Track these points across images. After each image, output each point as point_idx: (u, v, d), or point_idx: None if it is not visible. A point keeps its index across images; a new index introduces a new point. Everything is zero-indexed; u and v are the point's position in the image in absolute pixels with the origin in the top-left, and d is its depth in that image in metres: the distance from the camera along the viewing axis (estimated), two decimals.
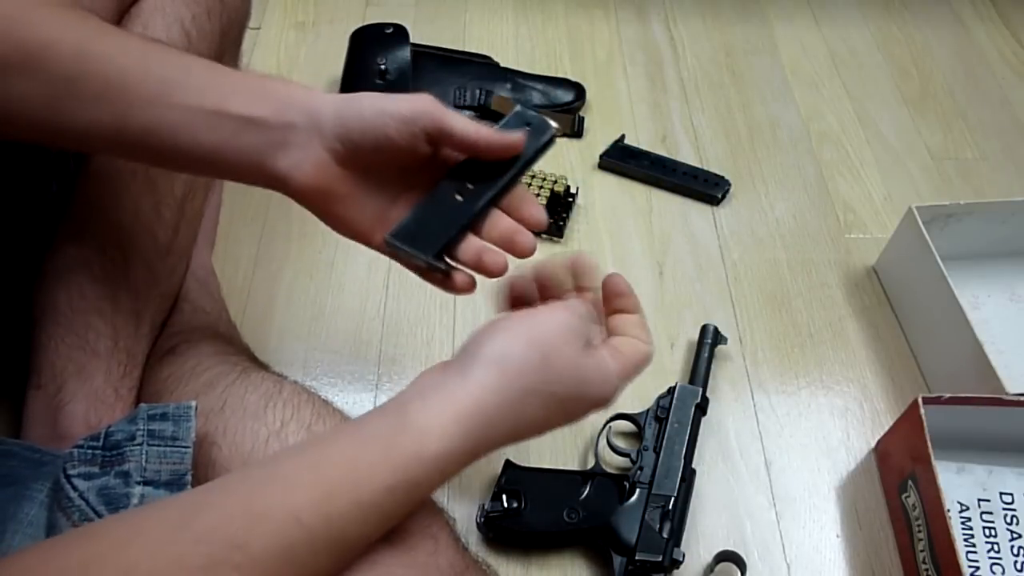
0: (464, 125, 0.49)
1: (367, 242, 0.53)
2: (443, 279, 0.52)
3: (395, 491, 0.41)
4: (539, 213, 0.52)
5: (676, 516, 0.68)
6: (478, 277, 0.52)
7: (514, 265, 0.52)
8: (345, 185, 0.50)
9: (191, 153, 0.49)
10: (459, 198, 0.51)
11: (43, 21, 0.48)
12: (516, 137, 0.51)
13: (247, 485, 0.40)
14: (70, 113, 0.48)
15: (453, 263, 0.52)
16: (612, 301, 0.53)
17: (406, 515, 0.44)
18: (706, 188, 0.96)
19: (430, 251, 0.50)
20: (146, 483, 0.50)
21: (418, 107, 0.48)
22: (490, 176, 0.51)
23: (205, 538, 0.37)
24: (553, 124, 0.53)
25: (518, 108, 0.54)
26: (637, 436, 0.74)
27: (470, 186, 0.51)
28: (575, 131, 1.02)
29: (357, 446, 0.42)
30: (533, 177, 0.90)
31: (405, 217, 0.51)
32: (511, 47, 1.13)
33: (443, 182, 0.51)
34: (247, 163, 0.49)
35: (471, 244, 0.51)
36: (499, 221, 0.52)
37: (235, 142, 0.49)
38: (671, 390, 0.75)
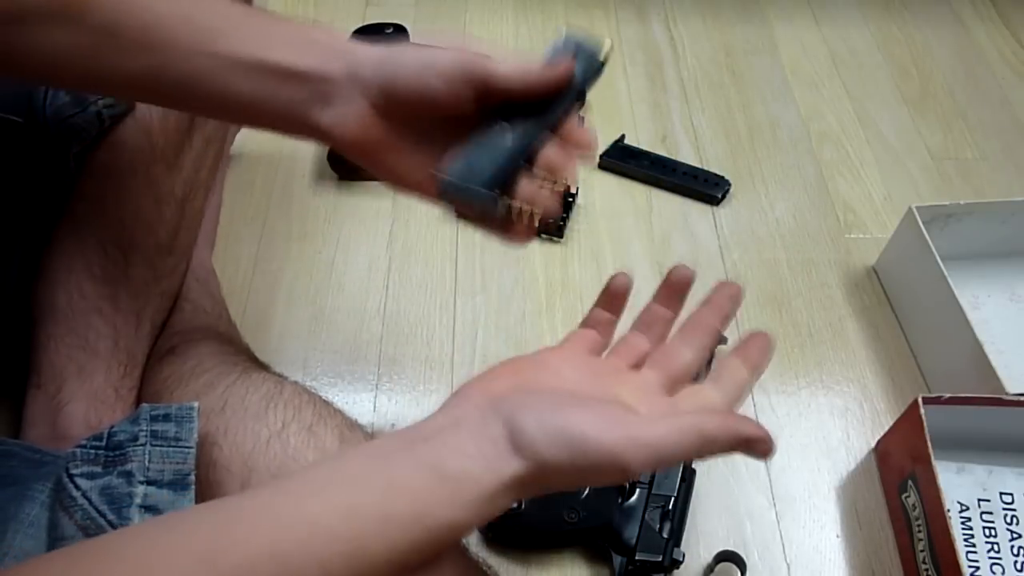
0: (509, 70, 0.47)
1: (422, 193, 0.51)
2: (501, 224, 0.50)
3: (424, 549, 0.40)
4: (587, 137, 0.51)
5: (676, 516, 0.68)
6: (480, 275, 0.52)
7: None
8: (391, 136, 0.49)
9: (231, 103, 0.49)
10: (510, 134, 0.48)
11: None
12: (565, 67, 0.49)
13: (272, 520, 0.38)
14: (110, 62, 0.48)
15: (511, 201, 0.49)
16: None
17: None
18: (706, 188, 0.96)
19: (486, 185, 0.47)
20: (149, 483, 0.50)
21: (459, 59, 0.47)
22: (541, 107, 0.49)
23: None
24: (605, 43, 0.51)
25: (565, 33, 0.51)
26: None
27: (521, 120, 0.48)
28: None
29: (391, 500, 0.39)
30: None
31: (456, 158, 0.48)
32: (511, 47, 1.13)
33: (493, 119, 0.49)
34: (288, 115, 0.49)
35: (524, 184, 0.49)
36: (547, 151, 0.50)
37: (275, 94, 0.48)
38: None
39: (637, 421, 0.41)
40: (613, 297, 0.52)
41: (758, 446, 0.41)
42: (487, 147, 0.48)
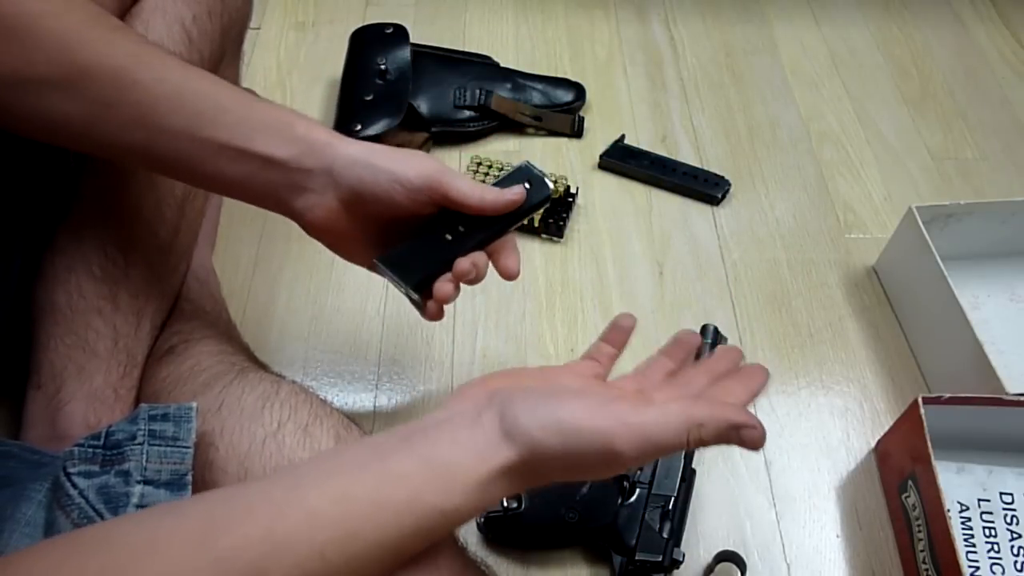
0: (467, 192, 0.54)
1: (366, 268, 0.60)
2: (419, 305, 0.59)
3: (417, 536, 0.41)
4: (514, 265, 0.57)
5: (676, 516, 0.68)
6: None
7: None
8: (352, 228, 0.56)
9: (216, 181, 0.55)
10: (448, 238, 0.56)
11: (91, 43, 0.51)
12: (516, 195, 0.56)
13: (270, 508, 0.39)
14: (105, 133, 0.52)
15: (427, 295, 0.57)
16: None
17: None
18: (706, 188, 0.96)
19: (410, 282, 0.56)
20: (146, 482, 0.50)
21: (424, 174, 0.54)
22: (481, 223, 0.56)
23: (225, 560, 0.37)
24: (551, 184, 0.58)
25: (523, 164, 0.58)
26: None
27: (461, 229, 0.56)
28: (575, 131, 1.02)
29: (385, 486, 0.41)
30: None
31: (398, 246, 0.57)
32: (511, 47, 1.13)
33: (438, 221, 0.56)
34: (266, 196, 0.55)
35: (444, 280, 0.56)
36: (463, 263, 0.56)
37: (256, 178, 0.54)
38: None
39: (627, 407, 0.42)
40: (617, 332, 0.55)
41: (747, 433, 0.42)
42: (424, 247, 0.56)
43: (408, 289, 0.57)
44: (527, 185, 0.56)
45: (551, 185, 0.58)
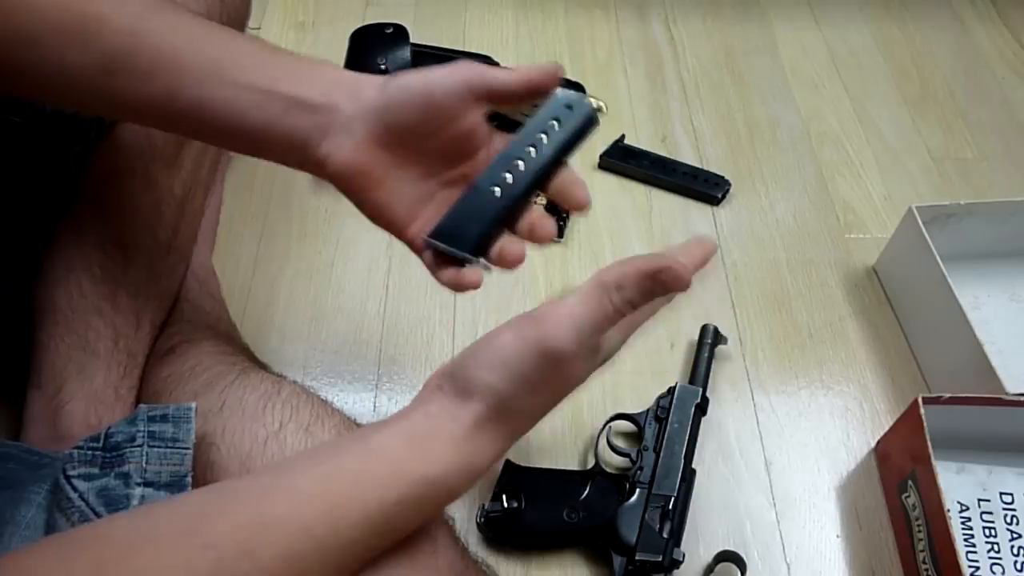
0: (508, 74, 0.50)
1: (399, 232, 0.52)
2: (488, 268, 0.51)
3: (404, 505, 0.42)
4: (584, 195, 0.52)
5: (676, 516, 0.68)
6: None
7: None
8: (382, 167, 0.49)
9: (238, 130, 0.49)
10: (495, 192, 0.50)
11: None
12: (555, 65, 0.50)
13: (257, 493, 0.40)
14: (122, 86, 0.49)
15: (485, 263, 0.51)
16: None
17: (417, 527, 0.45)
18: (706, 188, 0.96)
19: (468, 248, 0.49)
20: (146, 484, 0.50)
21: (461, 68, 0.49)
22: (526, 166, 0.50)
23: (215, 544, 0.37)
24: (593, 102, 0.51)
25: (558, 89, 0.51)
26: (637, 436, 0.74)
27: (507, 177, 0.50)
28: None
29: (367, 460, 0.43)
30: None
31: (444, 215, 0.50)
32: (511, 47, 1.13)
33: (480, 176, 0.50)
34: (291, 144, 0.49)
35: (512, 241, 0.50)
36: (529, 214, 0.51)
37: (281, 122, 0.49)
38: (671, 390, 0.75)
39: (546, 307, 0.46)
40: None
41: (666, 275, 0.45)
42: (473, 207, 0.50)
43: (467, 257, 0.50)
44: (567, 110, 0.51)
45: (593, 103, 0.51)
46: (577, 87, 1.04)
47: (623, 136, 1.00)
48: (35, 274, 0.66)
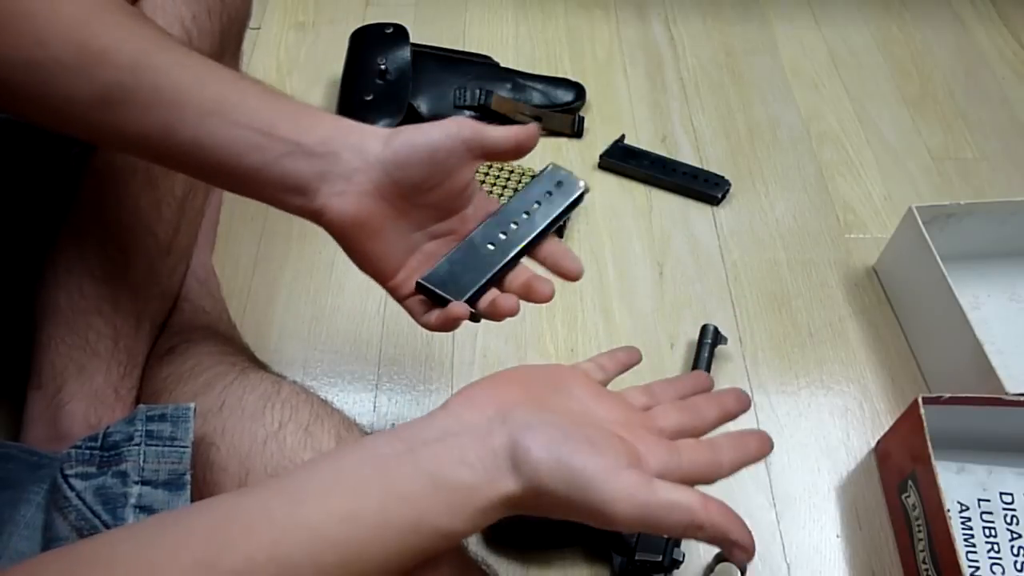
0: (501, 138, 0.51)
1: (385, 283, 0.54)
2: (476, 319, 0.54)
3: (417, 553, 0.40)
4: (576, 266, 0.55)
5: None
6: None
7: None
8: (380, 219, 0.51)
9: (235, 170, 0.50)
10: (490, 247, 0.54)
11: (105, 26, 0.49)
12: (532, 127, 0.53)
13: (272, 528, 0.38)
14: (120, 119, 0.49)
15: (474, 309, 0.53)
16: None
17: None
18: (706, 188, 0.96)
19: (460, 297, 0.52)
20: (144, 483, 0.50)
21: (457, 122, 0.51)
22: (519, 228, 0.55)
23: None
24: (582, 183, 0.57)
25: (550, 166, 0.58)
26: None
27: (502, 236, 0.54)
28: (575, 131, 1.02)
29: (390, 506, 0.39)
30: (534, 177, 0.90)
31: (438, 263, 0.53)
32: (511, 47, 1.13)
33: (476, 232, 0.54)
34: (286, 187, 0.50)
35: (506, 296, 0.53)
36: (520, 272, 0.54)
37: (278, 165, 0.49)
38: None
39: (639, 479, 0.40)
40: (624, 357, 0.55)
41: (738, 553, 0.42)
42: (467, 259, 0.53)
43: (459, 304, 0.53)
44: (559, 185, 0.57)
45: (582, 183, 0.57)
46: (578, 88, 1.05)
47: (623, 136, 1.00)
48: (36, 275, 0.66)
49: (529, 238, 0.54)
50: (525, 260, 0.55)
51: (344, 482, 0.40)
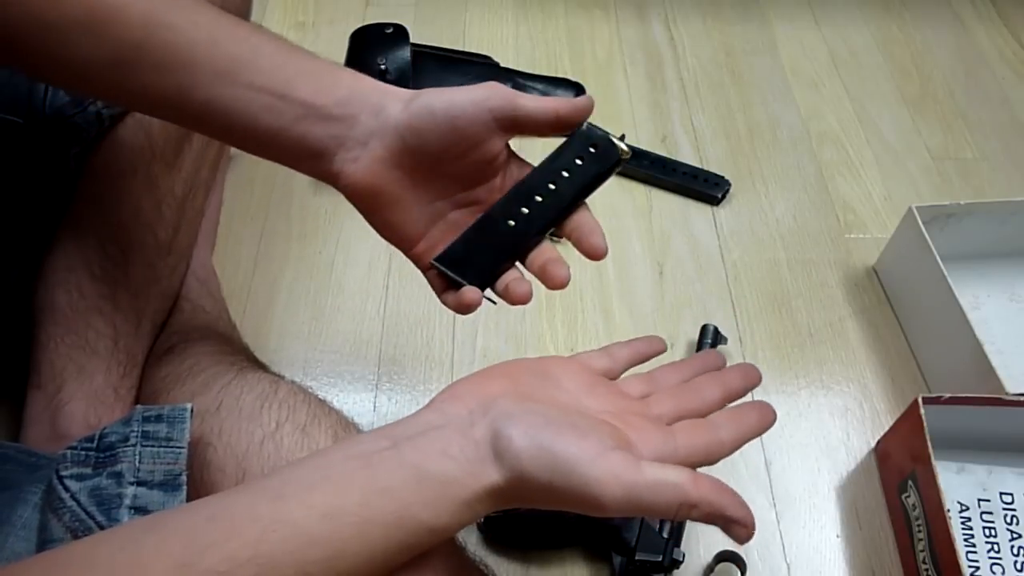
0: (534, 103, 0.47)
1: (407, 251, 0.51)
2: (494, 302, 0.51)
3: (403, 550, 0.39)
4: (600, 242, 0.50)
5: None
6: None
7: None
8: (397, 187, 0.48)
9: (251, 133, 0.48)
10: (511, 223, 0.49)
11: None
12: (586, 103, 0.49)
13: (255, 527, 0.37)
14: (134, 78, 0.48)
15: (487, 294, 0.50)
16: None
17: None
18: (706, 188, 0.96)
19: (475, 280, 0.48)
20: (139, 483, 0.49)
21: (488, 88, 0.47)
22: (544, 201, 0.49)
23: None
24: (623, 146, 0.50)
25: (585, 126, 0.50)
26: None
27: (524, 211, 0.49)
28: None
29: (373, 501, 0.39)
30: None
31: (454, 240, 0.49)
32: (511, 47, 1.13)
33: (496, 206, 0.49)
34: (303, 152, 0.48)
35: (520, 280, 0.49)
36: (542, 251, 0.50)
37: (294, 129, 0.47)
38: None
39: (625, 460, 0.39)
40: (644, 347, 0.52)
41: (736, 529, 0.40)
42: (484, 236, 0.49)
43: (471, 287, 0.49)
44: (592, 150, 0.49)
45: (621, 145, 0.50)
46: (578, 88, 1.04)
47: (623, 136, 1.00)
48: (35, 274, 0.66)
49: (551, 214, 0.49)
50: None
51: (327, 478, 0.39)
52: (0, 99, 0.62)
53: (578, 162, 0.49)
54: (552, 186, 0.49)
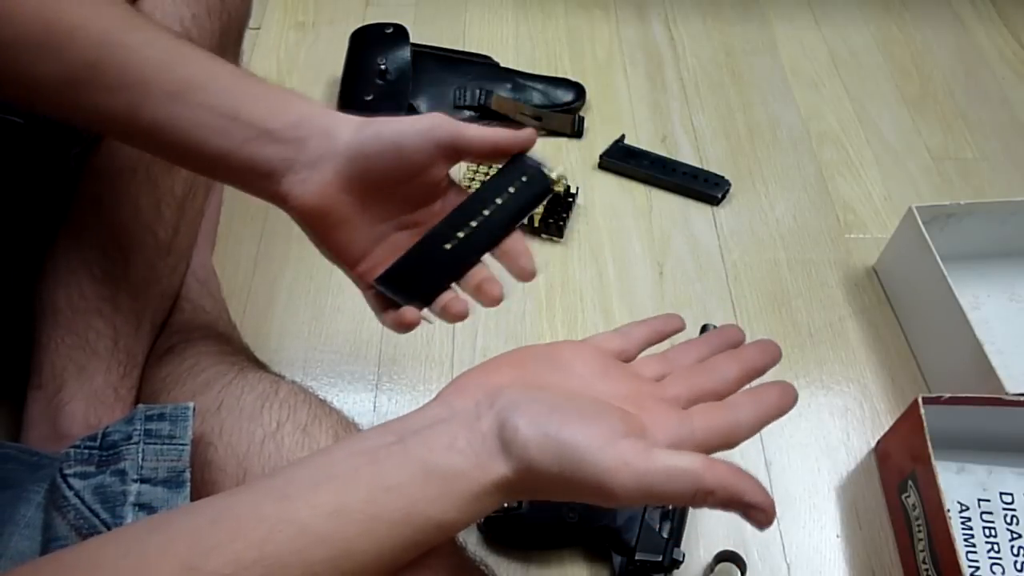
0: (476, 131, 0.50)
1: (350, 270, 0.53)
2: (394, 313, 0.53)
3: (409, 546, 0.39)
4: (529, 265, 0.52)
5: (676, 516, 0.68)
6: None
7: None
8: (344, 209, 0.50)
9: (199, 153, 0.49)
10: (448, 247, 0.51)
11: (72, 4, 0.48)
12: (528, 135, 0.51)
13: (260, 527, 0.37)
14: (87, 98, 0.48)
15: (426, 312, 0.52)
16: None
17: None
18: (706, 188, 0.96)
19: (414, 299, 0.51)
20: (143, 481, 0.49)
21: (435, 120, 0.49)
22: (479, 226, 0.52)
23: None
24: (552, 175, 0.53)
25: (522, 156, 0.53)
26: None
27: (459, 235, 0.51)
28: (575, 131, 1.02)
29: (379, 498, 0.38)
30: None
31: (394, 262, 0.52)
32: (511, 47, 1.13)
33: (434, 229, 0.52)
34: (252, 173, 0.49)
35: (457, 298, 0.51)
36: (477, 271, 0.52)
37: (244, 150, 0.48)
38: None
39: (635, 447, 0.38)
40: (661, 325, 0.51)
41: (756, 515, 0.39)
42: (423, 258, 0.51)
43: (410, 307, 0.52)
44: (524, 179, 0.52)
45: (551, 176, 0.52)
46: (578, 88, 1.05)
47: (623, 136, 1.00)
48: (36, 275, 0.66)
49: (486, 237, 0.52)
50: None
51: (332, 476, 0.39)
52: (0, 99, 0.62)
53: (511, 190, 0.52)
54: (486, 212, 0.52)
